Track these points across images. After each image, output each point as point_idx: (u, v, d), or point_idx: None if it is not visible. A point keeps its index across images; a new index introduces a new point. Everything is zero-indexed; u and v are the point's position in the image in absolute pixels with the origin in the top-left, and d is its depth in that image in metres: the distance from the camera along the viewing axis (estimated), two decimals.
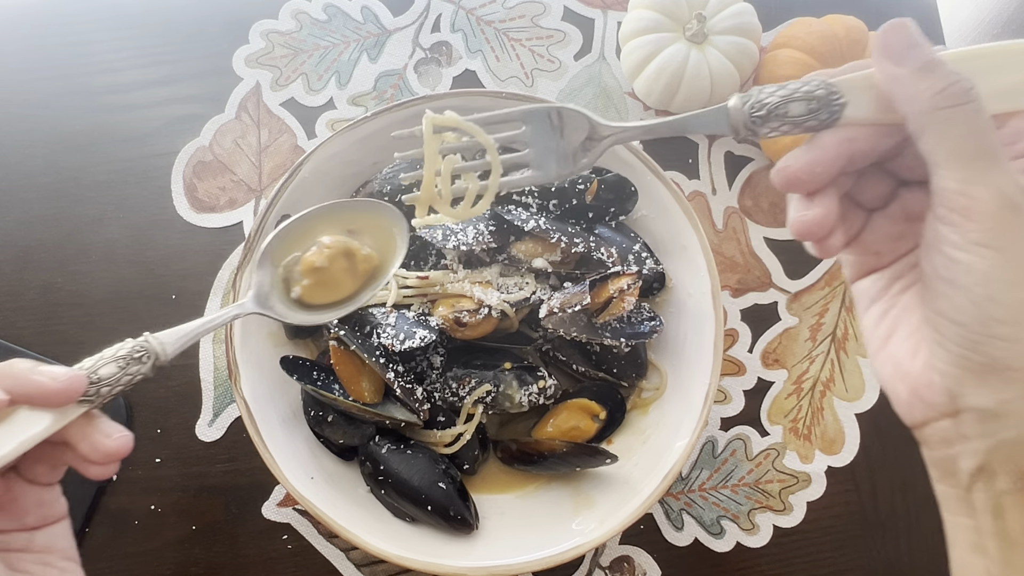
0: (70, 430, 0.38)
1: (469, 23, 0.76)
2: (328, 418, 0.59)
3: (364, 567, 0.64)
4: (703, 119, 0.38)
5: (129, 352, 0.40)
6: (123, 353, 0.40)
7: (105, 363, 0.39)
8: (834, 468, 0.69)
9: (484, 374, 0.60)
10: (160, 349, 0.42)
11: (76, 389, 0.37)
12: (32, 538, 0.40)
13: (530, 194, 0.61)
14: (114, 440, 0.38)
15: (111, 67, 0.73)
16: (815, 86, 0.35)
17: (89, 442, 0.38)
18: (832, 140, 0.36)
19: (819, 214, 0.36)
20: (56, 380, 0.36)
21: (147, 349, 0.41)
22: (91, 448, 0.38)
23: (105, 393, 0.39)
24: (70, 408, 0.38)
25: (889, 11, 0.78)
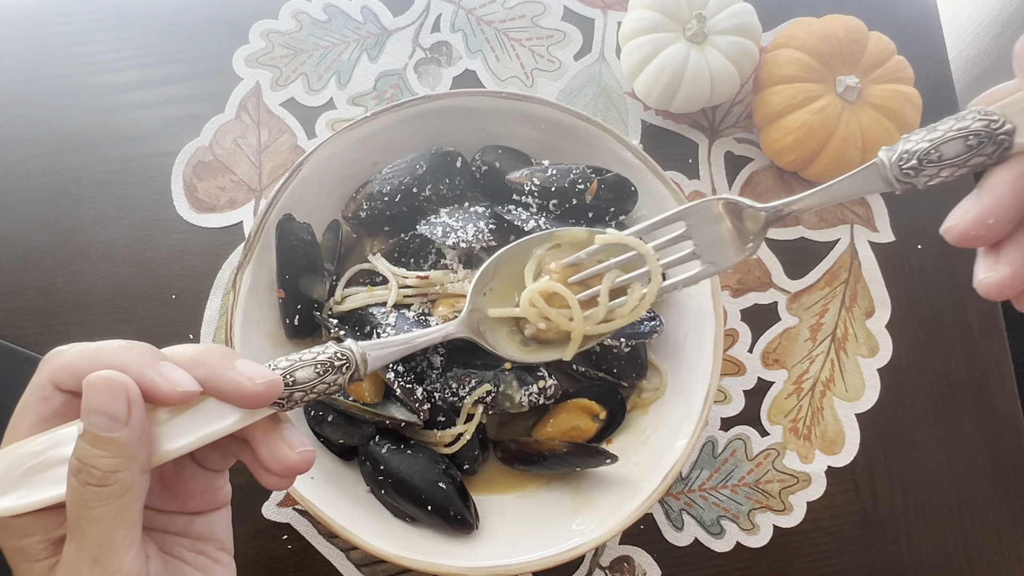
0: (253, 430, 0.36)
1: (469, 23, 0.76)
2: (328, 418, 0.59)
3: (364, 567, 0.64)
4: (853, 184, 0.36)
5: (329, 359, 0.37)
6: (323, 359, 0.37)
7: (302, 367, 0.37)
8: (834, 468, 0.69)
9: (484, 374, 0.60)
10: (360, 361, 0.38)
11: (271, 394, 0.34)
12: (191, 523, 0.39)
13: (530, 194, 0.61)
14: (297, 454, 0.36)
15: (111, 67, 0.73)
16: (970, 119, 0.31)
17: (271, 450, 0.35)
18: (1004, 179, 0.31)
19: (1006, 275, 0.31)
20: (253, 382, 0.34)
21: (348, 359, 0.38)
22: (271, 457, 0.35)
23: (297, 399, 0.36)
24: (259, 409, 0.36)
25: (889, 11, 0.78)
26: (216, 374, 0.34)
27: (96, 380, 0.32)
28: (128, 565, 0.32)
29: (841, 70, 0.67)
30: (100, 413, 0.31)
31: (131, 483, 0.32)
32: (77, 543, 0.32)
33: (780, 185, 0.74)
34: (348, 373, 0.38)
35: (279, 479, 0.36)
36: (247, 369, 0.34)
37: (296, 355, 0.37)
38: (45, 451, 0.33)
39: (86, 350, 0.33)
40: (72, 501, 0.32)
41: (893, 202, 0.74)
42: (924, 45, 0.77)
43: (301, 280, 0.60)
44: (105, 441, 0.31)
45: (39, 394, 0.33)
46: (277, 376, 0.35)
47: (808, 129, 0.66)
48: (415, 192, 0.62)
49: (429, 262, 0.63)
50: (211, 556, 0.39)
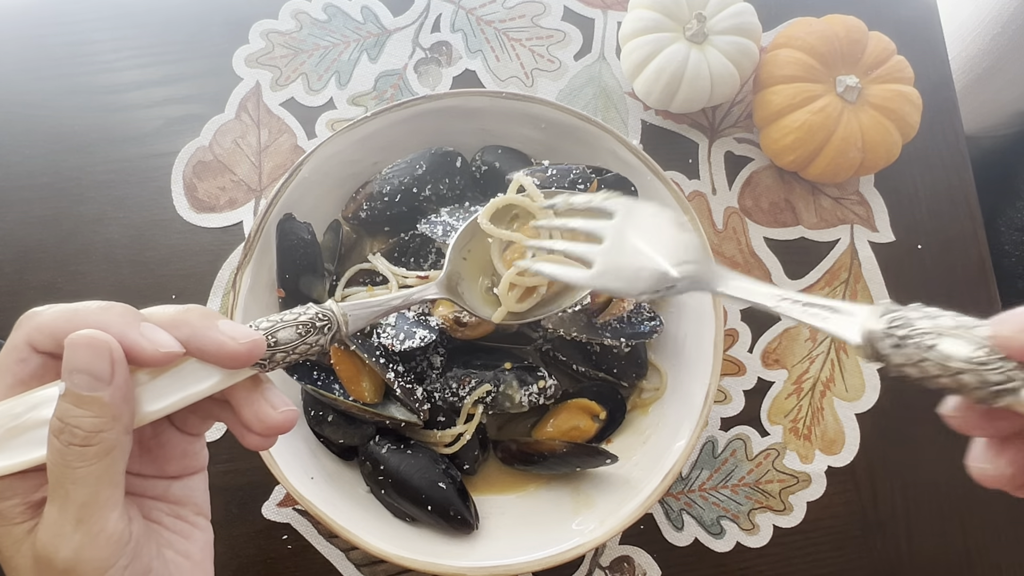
0: (234, 391, 0.35)
1: (469, 23, 0.76)
2: (328, 418, 0.59)
3: (364, 567, 0.64)
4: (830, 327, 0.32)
5: (311, 319, 0.37)
6: (304, 319, 0.37)
7: (284, 327, 0.36)
8: (834, 468, 0.69)
9: (484, 374, 0.60)
10: (342, 320, 0.38)
11: (255, 354, 0.34)
12: (169, 487, 0.38)
13: None
14: (279, 413, 0.35)
15: (111, 67, 0.73)
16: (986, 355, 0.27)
17: (253, 410, 0.35)
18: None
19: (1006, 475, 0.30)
20: (236, 341, 0.33)
21: (329, 319, 0.38)
22: (254, 417, 0.35)
23: (279, 359, 0.36)
24: (241, 369, 0.35)
25: (889, 11, 0.78)
26: (198, 334, 0.33)
27: (78, 339, 0.31)
28: (112, 525, 0.32)
29: (841, 70, 0.67)
30: (83, 372, 0.31)
31: (115, 443, 0.32)
32: (60, 504, 0.31)
33: (780, 185, 0.74)
34: (329, 333, 0.38)
35: (262, 439, 0.36)
36: (229, 329, 0.34)
37: (277, 316, 0.37)
38: (23, 413, 0.32)
39: (64, 310, 0.33)
40: (54, 462, 0.31)
41: (893, 202, 0.74)
42: (924, 45, 0.77)
43: (301, 280, 0.60)
44: (88, 400, 0.31)
45: (15, 355, 0.33)
46: (260, 335, 0.34)
47: (808, 129, 0.66)
48: (415, 192, 0.62)
49: (429, 262, 0.63)
50: (188, 520, 0.39)
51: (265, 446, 0.37)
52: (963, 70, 0.92)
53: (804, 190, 0.74)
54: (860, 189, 0.75)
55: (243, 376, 0.35)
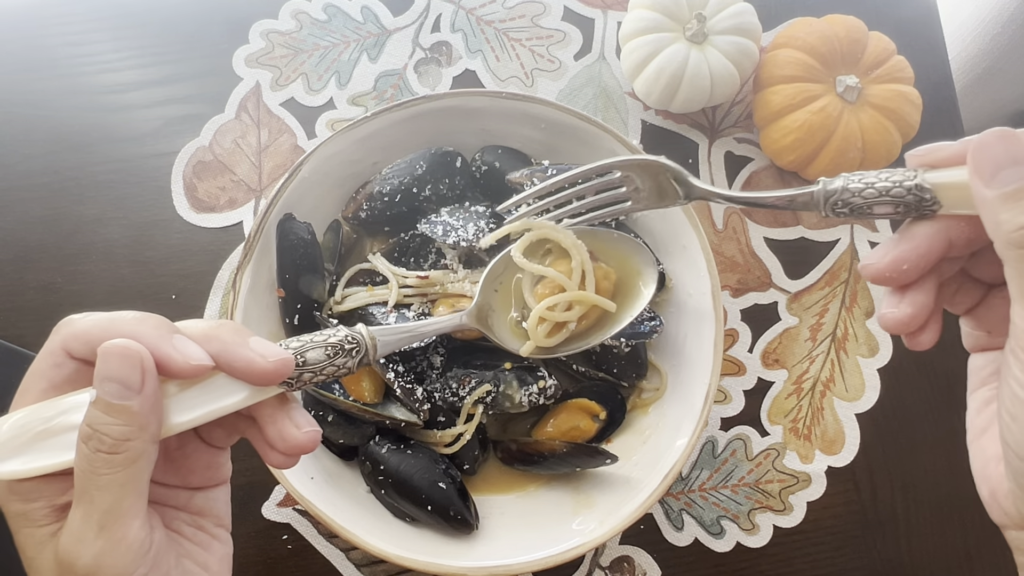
0: (260, 408, 0.36)
1: (469, 23, 0.76)
2: (328, 418, 0.59)
3: (364, 567, 0.64)
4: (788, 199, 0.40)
5: (340, 342, 0.37)
6: (334, 341, 0.37)
7: (313, 348, 0.37)
8: (834, 468, 0.69)
9: (484, 374, 0.60)
10: (371, 346, 0.39)
11: (283, 373, 0.34)
12: (191, 498, 0.39)
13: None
14: (303, 433, 0.36)
15: (111, 67, 0.73)
16: (905, 189, 0.34)
17: (277, 428, 0.35)
18: (923, 232, 0.34)
19: (907, 314, 0.35)
20: (266, 359, 0.34)
21: (359, 343, 0.38)
22: (278, 435, 0.35)
23: (306, 379, 0.36)
24: (268, 387, 0.35)
25: (889, 11, 0.78)
26: (229, 350, 0.34)
27: (111, 348, 0.32)
28: (134, 533, 0.32)
29: (841, 70, 0.67)
30: (114, 381, 0.31)
31: (141, 452, 0.32)
32: (84, 509, 0.32)
33: (780, 185, 0.74)
34: (358, 357, 0.38)
35: (284, 457, 0.36)
36: (260, 347, 0.34)
37: (308, 336, 0.37)
38: (54, 417, 0.33)
39: (100, 319, 0.33)
40: (81, 468, 0.32)
41: None
42: (924, 45, 0.77)
43: (301, 280, 0.60)
44: (117, 409, 0.31)
45: (51, 360, 0.33)
46: (289, 355, 0.35)
47: (808, 129, 0.66)
48: (415, 192, 0.62)
49: (429, 262, 0.63)
50: (209, 531, 0.39)
51: (287, 465, 0.37)
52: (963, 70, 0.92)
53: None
54: None
55: (270, 394, 0.35)
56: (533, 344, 0.52)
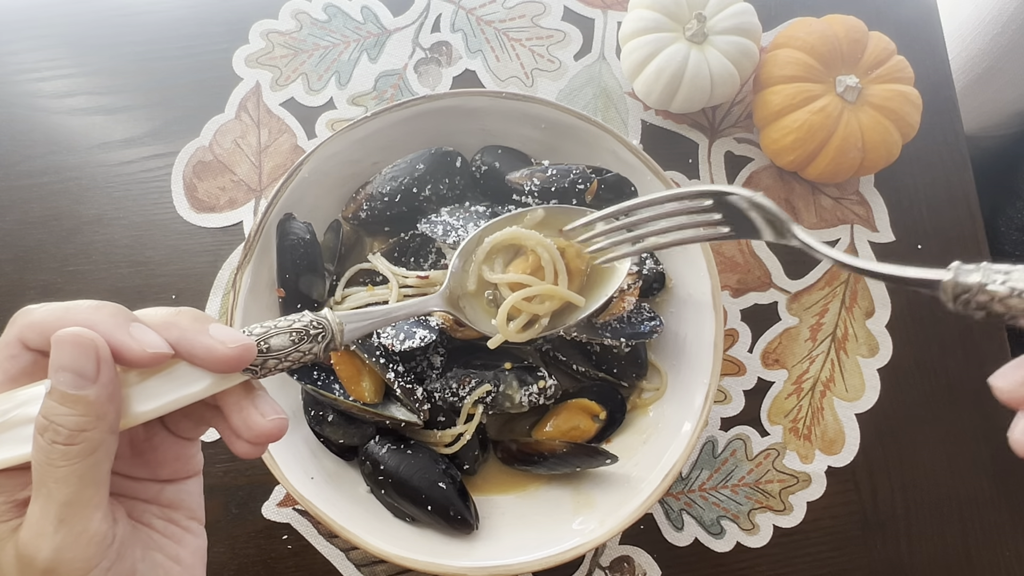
0: (225, 397, 0.35)
1: (469, 23, 0.76)
2: (328, 418, 0.59)
3: (364, 567, 0.64)
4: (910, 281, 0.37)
5: (305, 327, 0.37)
6: (298, 327, 0.36)
7: (277, 334, 0.36)
8: (834, 468, 0.69)
9: (484, 374, 0.60)
10: (337, 331, 0.38)
11: (244, 359, 0.34)
12: (161, 491, 0.38)
13: (530, 194, 0.61)
14: (268, 421, 0.35)
15: (111, 67, 0.73)
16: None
17: (243, 417, 0.35)
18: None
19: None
20: (226, 345, 0.33)
21: (324, 328, 0.37)
22: (243, 424, 0.35)
23: (271, 366, 0.36)
24: (231, 375, 0.35)
25: (889, 11, 0.78)
26: (188, 337, 0.33)
27: (64, 336, 0.31)
28: (95, 526, 0.31)
29: (841, 70, 0.67)
30: (68, 370, 0.31)
31: (99, 442, 0.31)
32: (42, 503, 0.31)
33: (780, 185, 0.74)
34: (324, 342, 0.37)
35: (251, 447, 0.35)
36: (220, 333, 0.33)
37: (271, 322, 0.37)
38: (11, 410, 0.32)
39: (55, 309, 0.32)
40: (38, 460, 0.31)
41: (893, 202, 0.74)
42: (924, 45, 0.77)
43: (301, 279, 0.60)
44: (73, 399, 0.31)
45: (6, 352, 0.33)
46: (250, 341, 0.34)
47: (808, 129, 0.66)
48: (415, 192, 0.62)
49: (429, 262, 0.63)
50: (181, 524, 0.38)
51: (254, 454, 0.36)
52: (963, 70, 0.92)
53: (804, 190, 0.74)
54: (860, 189, 0.75)
55: (234, 382, 0.35)
56: (501, 337, 0.51)
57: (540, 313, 0.52)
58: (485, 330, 0.52)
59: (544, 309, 0.52)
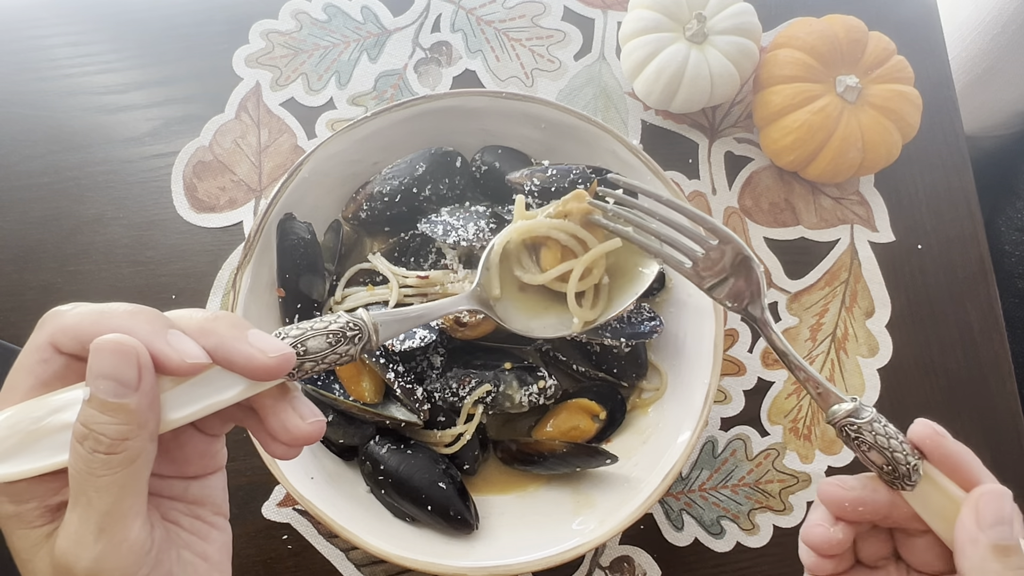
0: (260, 399, 0.34)
1: (469, 23, 0.76)
2: (328, 418, 0.59)
3: (364, 567, 0.64)
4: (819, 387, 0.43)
5: (341, 328, 0.36)
6: (335, 328, 0.36)
7: (314, 336, 0.35)
8: (834, 468, 0.69)
9: (484, 374, 0.60)
10: (373, 331, 0.37)
11: (284, 368, 0.33)
12: (188, 487, 0.37)
13: (530, 194, 0.61)
14: (308, 424, 0.34)
15: (111, 67, 0.73)
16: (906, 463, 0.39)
17: (280, 420, 0.34)
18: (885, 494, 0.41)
19: (838, 540, 0.41)
20: (266, 355, 0.32)
21: (360, 328, 0.37)
22: (281, 426, 0.34)
23: (308, 368, 0.35)
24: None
25: (889, 11, 0.78)
26: (226, 345, 0.32)
27: (105, 344, 0.30)
28: (135, 534, 0.31)
29: (841, 70, 0.67)
30: (109, 378, 0.30)
31: (140, 451, 0.31)
32: (82, 511, 0.30)
33: (780, 185, 0.74)
34: (361, 343, 0.37)
35: (287, 448, 0.35)
36: (259, 341, 0.33)
37: (307, 324, 0.36)
38: (45, 416, 0.31)
39: (90, 312, 0.32)
40: (77, 469, 0.30)
41: (893, 202, 0.74)
42: (924, 45, 0.77)
43: (301, 279, 0.60)
44: (114, 407, 0.30)
45: (38, 355, 0.32)
46: (290, 350, 0.33)
47: (808, 129, 0.66)
48: (415, 192, 0.62)
49: (429, 262, 0.63)
50: (207, 520, 0.38)
51: (290, 456, 0.35)
52: (963, 70, 0.92)
53: (804, 190, 0.74)
54: (860, 189, 0.75)
55: (270, 385, 0.34)
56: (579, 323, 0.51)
57: (596, 281, 0.52)
58: (518, 328, 0.51)
59: (597, 277, 0.52)
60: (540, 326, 0.52)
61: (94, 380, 0.30)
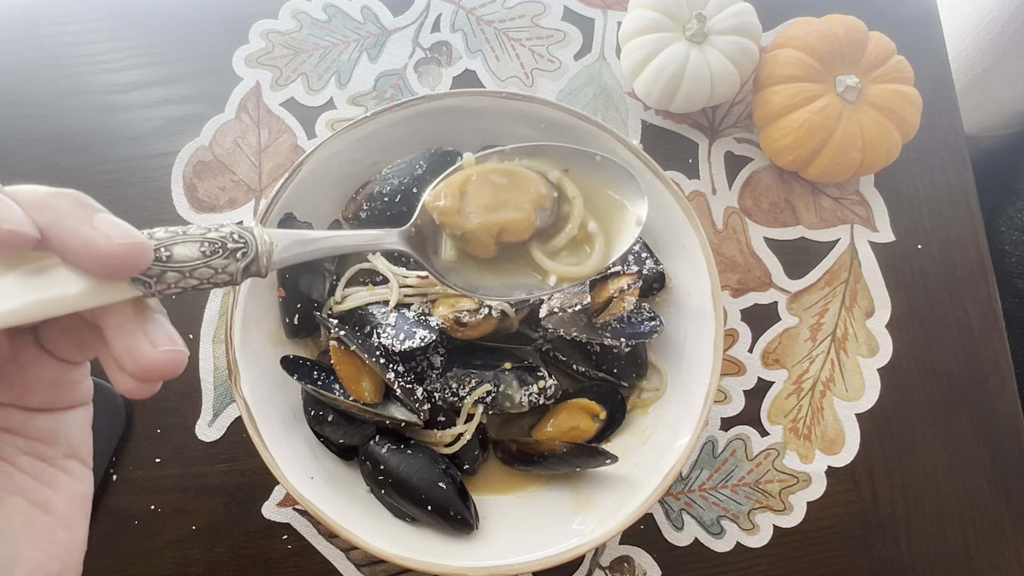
0: (106, 315, 0.28)
1: (469, 23, 0.76)
2: (328, 418, 0.59)
3: (364, 567, 0.64)
4: None
5: (222, 238, 0.30)
6: (213, 236, 0.29)
7: (185, 241, 0.29)
8: (834, 468, 0.69)
9: (484, 374, 0.60)
10: (264, 250, 0.31)
11: (132, 262, 0.27)
12: (29, 420, 0.31)
13: None
14: (160, 353, 0.27)
15: (111, 67, 0.73)
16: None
17: (127, 343, 0.27)
18: None
19: None
20: (111, 241, 0.26)
21: (247, 243, 0.30)
22: (126, 352, 0.27)
23: (170, 281, 0.28)
24: (116, 285, 0.27)
25: (889, 11, 0.78)
26: (63, 223, 0.26)
27: None
28: None
29: (841, 70, 0.67)
30: None
31: None
32: None
33: (780, 185, 0.74)
34: (244, 260, 0.30)
35: (136, 383, 0.28)
36: (106, 225, 0.27)
37: (180, 227, 0.30)
38: None
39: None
40: None
41: (893, 202, 0.74)
42: (924, 45, 0.77)
43: (301, 279, 0.60)
44: None
45: None
46: (143, 240, 0.27)
47: (808, 129, 0.66)
48: (415, 192, 0.62)
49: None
50: (56, 464, 0.31)
51: (140, 393, 0.28)
52: (963, 70, 0.92)
53: (804, 190, 0.74)
54: (860, 189, 0.75)
55: (119, 296, 0.28)
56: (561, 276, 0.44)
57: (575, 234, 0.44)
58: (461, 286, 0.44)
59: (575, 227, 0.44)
60: (499, 285, 0.44)
61: None
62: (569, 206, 0.44)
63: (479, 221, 0.42)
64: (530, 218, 0.42)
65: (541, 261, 0.43)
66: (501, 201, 0.43)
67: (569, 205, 0.45)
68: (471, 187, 0.43)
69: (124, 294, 0.28)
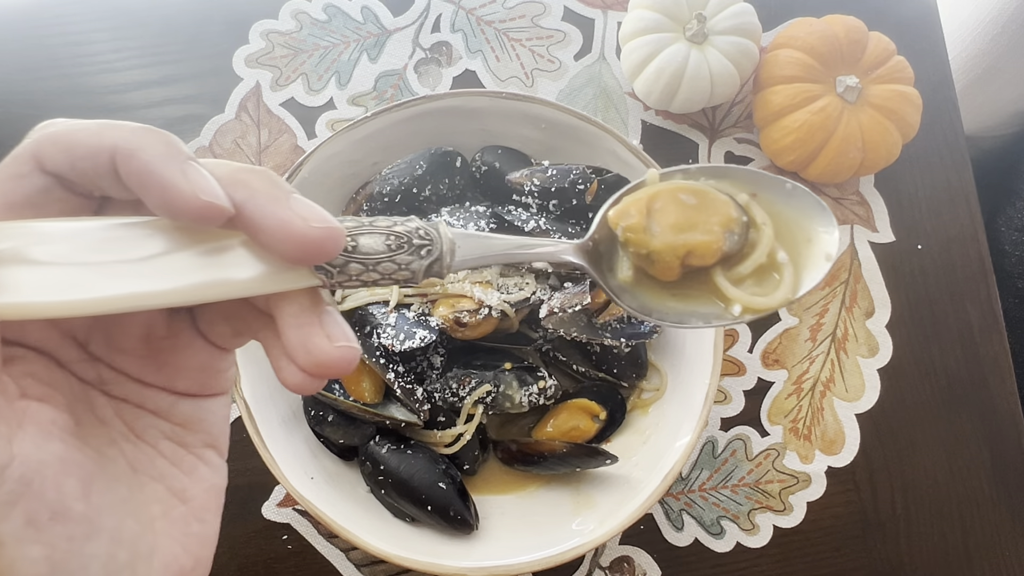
0: (282, 303, 0.26)
1: (469, 23, 0.76)
2: (328, 418, 0.59)
3: (364, 567, 0.64)
4: None
5: (408, 232, 0.28)
6: (400, 230, 0.28)
7: (372, 232, 0.27)
8: (834, 468, 0.69)
9: (484, 374, 0.60)
10: (448, 249, 0.29)
11: (326, 248, 0.25)
12: (174, 404, 0.29)
13: (530, 194, 0.61)
14: (336, 348, 0.26)
15: (111, 67, 0.73)
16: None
17: (302, 336, 0.26)
18: None
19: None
20: (308, 224, 0.25)
21: (432, 241, 0.28)
22: (301, 344, 0.26)
23: (353, 272, 0.27)
24: (298, 272, 0.26)
25: (889, 11, 0.78)
26: (259, 201, 0.25)
27: None
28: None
29: (841, 70, 0.67)
30: None
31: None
32: None
33: None
34: (428, 258, 0.28)
35: (304, 377, 0.26)
36: (302, 207, 0.25)
37: (367, 219, 0.28)
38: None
39: (90, 123, 0.25)
40: None
41: (893, 202, 0.74)
42: (924, 45, 0.77)
43: None
44: None
45: (14, 168, 0.24)
46: (340, 226, 0.26)
47: (808, 129, 0.66)
48: (415, 192, 0.62)
49: None
50: (194, 451, 0.30)
51: (306, 388, 0.27)
52: (963, 70, 0.92)
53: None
54: (860, 189, 0.75)
55: (298, 284, 0.26)
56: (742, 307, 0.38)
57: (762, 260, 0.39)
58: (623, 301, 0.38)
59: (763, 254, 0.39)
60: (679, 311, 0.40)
61: None
62: (757, 232, 0.42)
63: (666, 241, 0.39)
64: (719, 242, 0.40)
65: (726, 289, 0.40)
66: (690, 222, 0.40)
67: (757, 232, 0.42)
68: (658, 205, 0.40)
69: (303, 282, 0.26)
